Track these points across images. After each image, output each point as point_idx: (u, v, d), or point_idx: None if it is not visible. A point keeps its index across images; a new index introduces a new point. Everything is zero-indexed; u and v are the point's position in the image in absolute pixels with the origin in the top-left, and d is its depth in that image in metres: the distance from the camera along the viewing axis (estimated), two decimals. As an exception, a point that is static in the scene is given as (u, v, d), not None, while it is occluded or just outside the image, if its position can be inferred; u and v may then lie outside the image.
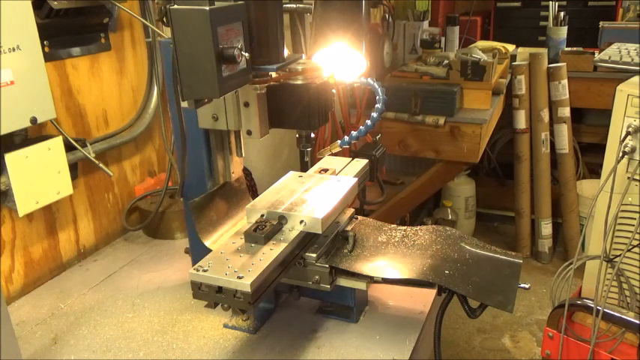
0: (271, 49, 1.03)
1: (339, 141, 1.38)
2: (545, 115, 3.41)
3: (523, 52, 3.46)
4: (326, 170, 1.30)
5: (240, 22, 0.96)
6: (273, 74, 1.05)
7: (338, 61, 1.34)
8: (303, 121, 1.12)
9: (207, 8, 0.87)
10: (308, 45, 1.87)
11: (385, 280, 1.11)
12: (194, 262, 1.23)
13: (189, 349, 1.14)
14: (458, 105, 2.67)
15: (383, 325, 1.20)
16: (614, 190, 1.70)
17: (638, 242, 1.72)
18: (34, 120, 1.22)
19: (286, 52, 1.10)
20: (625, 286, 1.79)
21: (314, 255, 1.10)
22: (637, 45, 3.39)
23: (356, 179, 1.22)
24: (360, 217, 1.29)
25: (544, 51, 3.45)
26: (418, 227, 1.26)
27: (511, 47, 3.59)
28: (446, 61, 2.87)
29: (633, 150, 1.66)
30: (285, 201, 1.11)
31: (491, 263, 1.13)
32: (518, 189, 3.55)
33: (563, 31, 3.60)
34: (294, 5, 1.82)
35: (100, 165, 1.48)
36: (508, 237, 3.89)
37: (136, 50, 1.72)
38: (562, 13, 3.62)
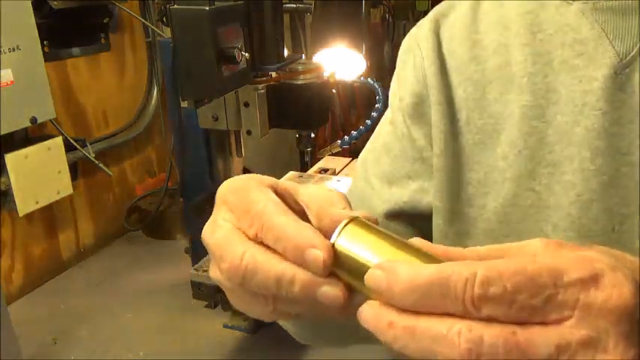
0: (271, 49, 1.03)
1: (339, 141, 1.38)
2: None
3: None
4: (326, 170, 1.30)
5: (240, 22, 0.96)
6: (274, 74, 1.05)
7: (338, 61, 1.34)
8: (303, 121, 1.12)
9: (207, 8, 0.87)
10: (308, 45, 1.87)
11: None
12: (194, 262, 1.23)
13: (189, 349, 1.14)
14: (458, 105, 2.67)
15: (383, 325, 1.20)
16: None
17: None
18: (34, 120, 1.22)
19: (286, 52, 1.10)
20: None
21: (314, 255, 1.10)
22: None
23: (356, 179, 1.22)
24: (360, 217, 1.29)
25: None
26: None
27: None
28: (446, 61, 2.87)
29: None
30: (285, 201, 1.10)
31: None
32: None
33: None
34: (294, 5, 1.82)
35: (100, 165, 1.48)
36: (508, 237, 3.89)
37: (135, 50, 1.72)
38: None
